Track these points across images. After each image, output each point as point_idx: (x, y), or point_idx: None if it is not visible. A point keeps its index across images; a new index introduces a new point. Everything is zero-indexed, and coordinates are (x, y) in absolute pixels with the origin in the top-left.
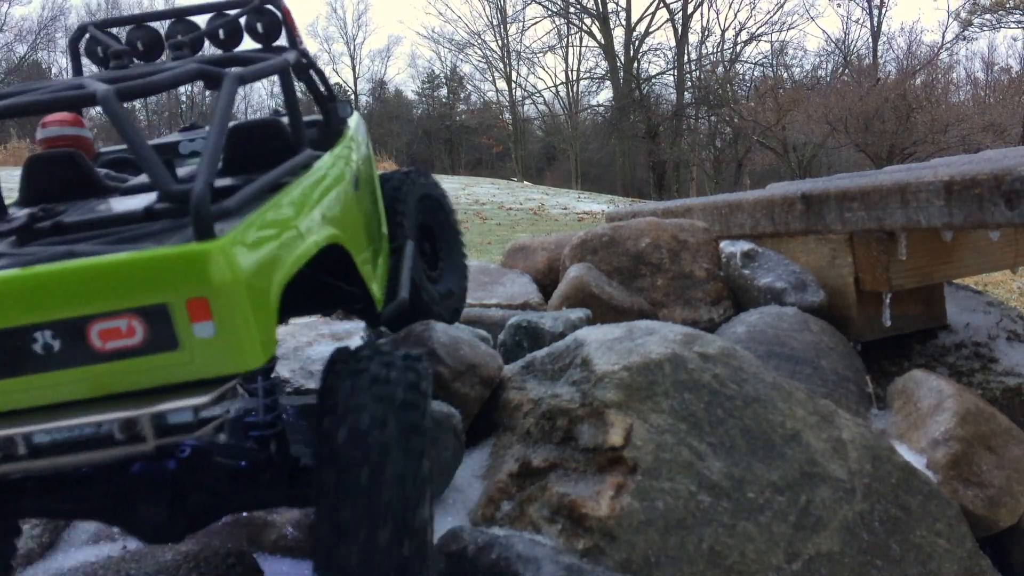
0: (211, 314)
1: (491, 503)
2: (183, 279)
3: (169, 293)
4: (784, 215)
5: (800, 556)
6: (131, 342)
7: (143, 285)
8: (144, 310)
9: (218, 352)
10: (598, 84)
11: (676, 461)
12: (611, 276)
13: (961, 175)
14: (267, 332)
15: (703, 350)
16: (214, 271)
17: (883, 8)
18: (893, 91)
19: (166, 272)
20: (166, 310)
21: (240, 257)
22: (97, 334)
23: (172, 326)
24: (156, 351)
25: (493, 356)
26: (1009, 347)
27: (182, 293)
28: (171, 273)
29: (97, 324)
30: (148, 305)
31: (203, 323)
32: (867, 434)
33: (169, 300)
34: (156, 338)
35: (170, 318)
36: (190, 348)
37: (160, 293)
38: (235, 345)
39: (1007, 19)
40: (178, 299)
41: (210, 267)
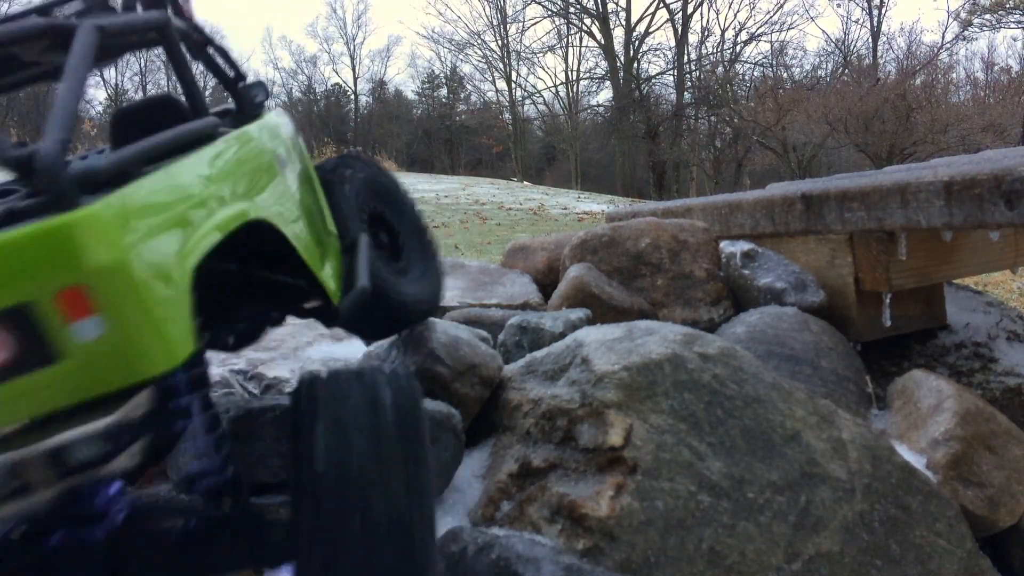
0: (92, 306)
1: (491, 503)
2: (45, 266)
3: (29, 288)
4: (784, 215)
5: (800, 556)
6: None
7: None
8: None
9: (113, 355)
10: (598, 84)
11: (676, 461)
12: (611, 276)
13: (961, 175)
14: (177, 322)
15: (703, 350)
16: (89, 248)
17: (883, 8)
18: (893, 91)
19: (19, 261)
20: (30, 310)
21: (122, 227)
22: None
23: (42, 331)
24: (31, 367)
25: (493, 356)
26: (1009, 347)
27: (46, 284)
28: (28, 261)
29: None
30: (5, 309)
31: (84, 320)
32: (867, 434)
33: (31, 297)
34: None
35: (37, 320)
36: (74, 355)
37: (18, 290)
38: (134, 342)
39: (1007, 19)
40: (42, 293)
41: (82, 243)
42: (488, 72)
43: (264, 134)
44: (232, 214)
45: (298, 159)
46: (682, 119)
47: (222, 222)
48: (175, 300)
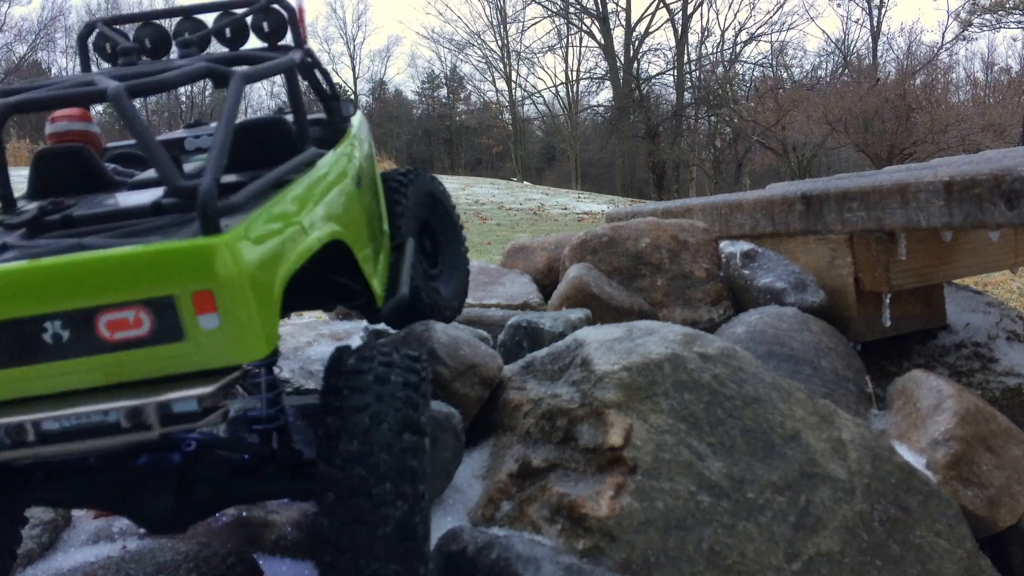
0: (216, 306)
1: (491, 503)
2: (189, 272)
3: (175, 286)
4: (784, 215)
5: (800, 556)
6: (138, 333)
7: (150, 278)
8: (151, 302)
9: (222, 343)
10: (598, 84)
11: (676, 461)
12: (611, 276)
13: (961, 175)
14: (270, 324)
15: (703, 350)
16: (219, 265)
17: (883, 8)
18: (893, 91)
19: (173, 265)
20: (172, 302)
21: (244, 251)
22: (105, 324)
23: (178, 318)
24: (162, 342)
25: (493, 356)
26: (1009, 347)
27: (188, 286)
28: (178, 266)
29: (105, 315)
30: (155, 297)
31: (208, 315)
32: (867, 434)
33: (175, 292)
34: (162, 329)
35: (176, 310)
36: (195, 339)
37: (167, 286)
38: (239, 336)
39: (1007, 19)
40: (184, 291)
41: (215, 261)
42: (488, 72)
43: (346, 156)
44: (320, 236)
45: (369, 170)
46: (682, 119)
47: (313, 243)
48: (271, 305)
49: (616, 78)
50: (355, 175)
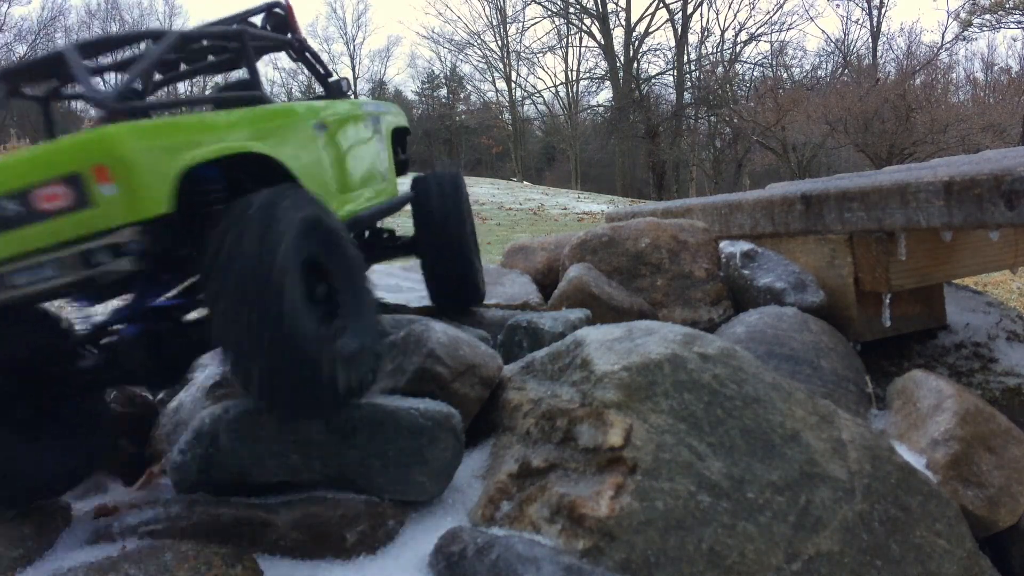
0: (110, 177)
1: (491, 503)
2: (90, 153)
3: (81, 164)
4: (784, 215)
5: (800, 556)
6: (60, 203)
7: (66, 160)
8: (68, 177)
9: (120, 205)
10: (598, 84)
11: (676, 461)
12: (611, 276)
13: (961, 175)
14: (160, 192)
15: (703, 350)
16: (109, 145)
17: (882, 8)
18: (893, 91)
19: (79, 149)
20: (80, 176)
21: (132, 138)
22: (38, 199)
23: (85, 188)
24: (79, 208)
25: (493, 356)
26: (1009, 347)
27: (89, 162)
28: (82, 150)
29: (37, 192)
30: (69, 173)
31: (106, 184)
32: (867, 434)
33: (81, 169)
34: (78, 198)
35: (83, 182)
36: (101, 204)
37: (75, 164)
38: (131, 200)
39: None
40: (87, 168)
41: (106, 143)
42: (488, 72)
43: (308, 107)
44: (223, 146)
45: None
46: (682, 119)
47: (213, 150)
48: (160, 183)
49: (616, 78)
50: (317, 122)
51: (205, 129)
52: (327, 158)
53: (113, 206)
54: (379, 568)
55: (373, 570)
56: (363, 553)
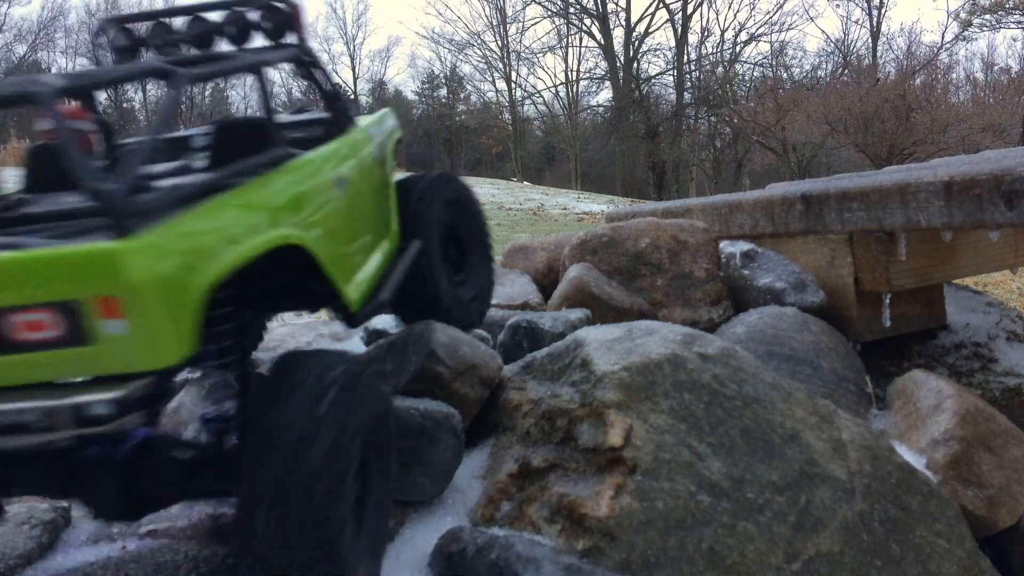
0: (122, 312)
1: (491, 503)
2: (93, 277)
3: (79, 290)
4: (784, 215)
5: (800, 556)
6: (47, 335)
7: (56, 281)
8: (57, 305)
9: (132, 349)
10: (598, 84)
11: (676, 461)
12: (611, 276)
13: (961, 175)
14: (184, 330)
15: (703, 350)
16: (125, 270)
17: (882, 8)
18: (893, 91)
19: (77, 269)
20: (77, 306)
21: (155, 256)
22: (16, 325)
23: (82, 322)
24: (70, 344)
25: (493, 356)
26: (1009, 347)
27: (93, 291)
28: (82, 271)
29: (15, 315)
30: (60, 300)
31: (114, 320)
32: (867, 434)
33: (79, 297)
34: (70, 332)
35: (80, 314)
36: (104, 343)
37: (71, 290)
38: (149, 343)
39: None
40: (88, 296)
41: (121, 266)
42: (488, 72)
43: (329, 157)
44: (266, 241)
45: (369, 170)
46: (682, 119)
47: (252, 248)
48: (184, 314)
49: (616, 78)
50: (337, 176)
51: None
52: (347, 224)
53: (122, 349)
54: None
55: None
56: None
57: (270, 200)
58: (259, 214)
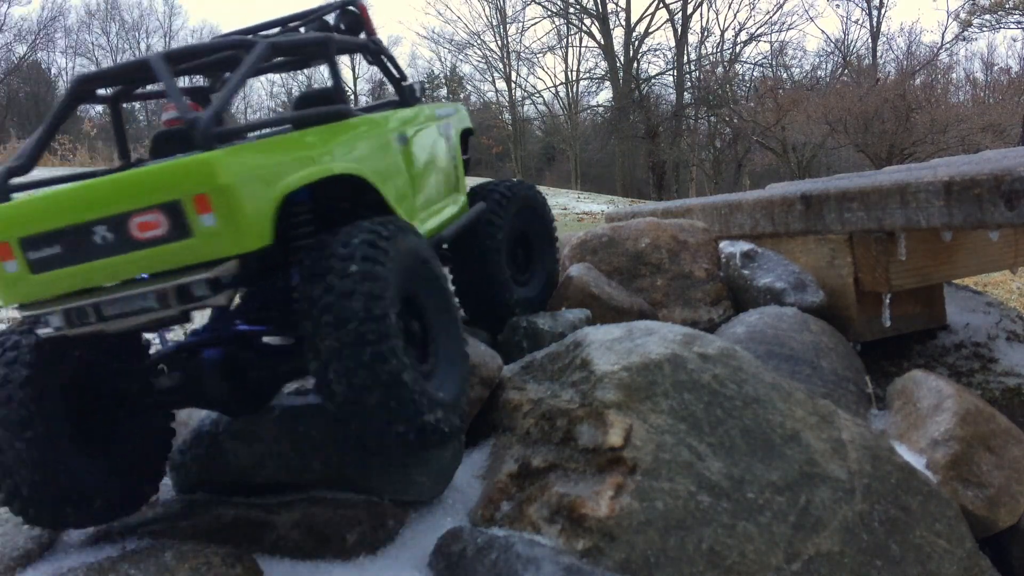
0: (211, 207)
1: (491, 503)
2: (189, 181)
3: (180, 191)
4: (784, 215)
5: (800, 556)
6: (159, 232)
7: (164, 187)
8: (165, 206)
9: (221, 237)
10: (598, 84)
11: (676, 461)
12: (611, 276)
13: (961, 175)
14: (260, 222)
15: (703, 350)
16: (210, 173)
17: (882, 8)
18: (892, 91)
19: (178, 177)
20: (179, 205)
21: (231, 164)
22: (136, 226)
23: (185, 218)
24: (177, 238)
25: (493, 356)
26: (1008, 347)
27: (189, 191)
28: (181, 177)
29: (135, 218)
30: (167, 201)
31: (206, 214)
32: (867, 434)
33: (180, 197)
34: (175, 227)
35: (183, 211)
36: (200, 235)
37: (174, 192)
38: (232, 231)
39: (1007, 19)
40: (186, 196)
41: (206, 170)
42: (488, 72)
43: (389, 118)
44: (319, 169)
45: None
46: (682, 119)
47: (310, 174)
48: (260, 213)
49: (616, 78)
50: (397, 132)
51: (299, 151)
52: (409, 173)
53: (213, 238)
54: (379, 568)
55: (373, 570)
56: (363, 553)
57: (333, 140)
58: (323, 150)
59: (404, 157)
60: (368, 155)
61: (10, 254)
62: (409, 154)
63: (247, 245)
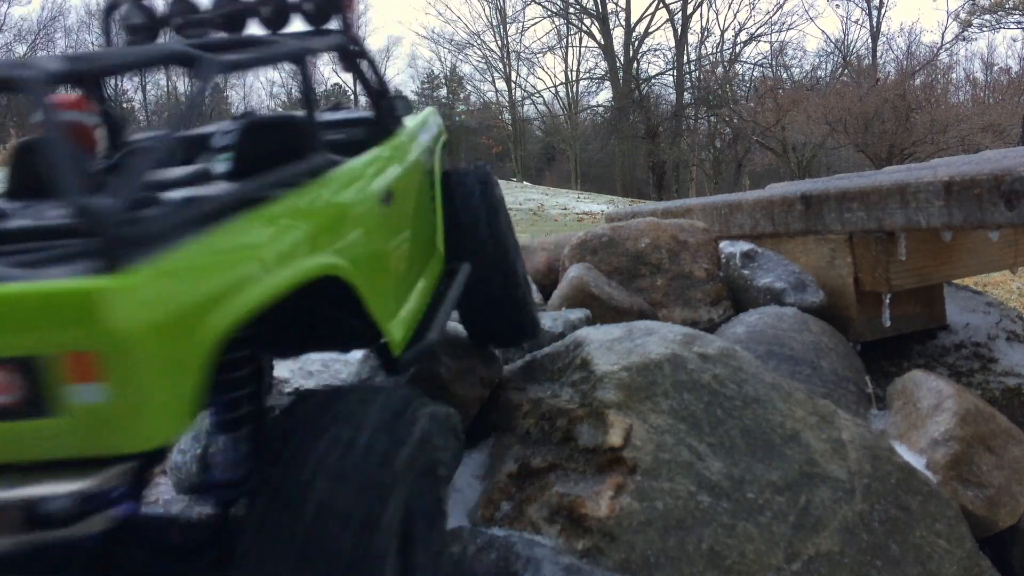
0: (99, 375)
1: (491, 503)
2: (62, 325)
3: (41, 343)
4: (784, 215)
5: (800, 556)
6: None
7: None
8: (11, 361)
9: (111, 424)
10: (598, 84)
11: (676, 461)
12: (611, 276)
13: (960, 175)
14: (184, 396)
15: (703, 350)
16: (108, 318)
17: (882, 8)
18: (892, 91)
19: (40, 314)
20: (36, 364)
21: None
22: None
23: (43, 386)
24: (28, 415)
25: (493, 356)
26: (1008, 347)
27: (60, 345)
28: (47, 316)
29: None
30: (14, 357)
31: (88, 384)
32: (867, 434)
33: (39, 352)
34: (28, 399)
35: (41, 375)
36: (70, 415)
37: (30, 342)
38: (136, 416)
39: (1006, 20)
40: (52, 352)
41: (102, 312)
42: (488, 72)
43: (375, 163)
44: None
45: (417, 180)
46: (682, 119)
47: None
48: (186, 374)
49: (616, 78)
50: (383, 188)
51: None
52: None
53: (97, 423)
54: None
55: None
56: None
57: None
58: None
59: (387, 226)
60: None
61: None
62: (393, 219)
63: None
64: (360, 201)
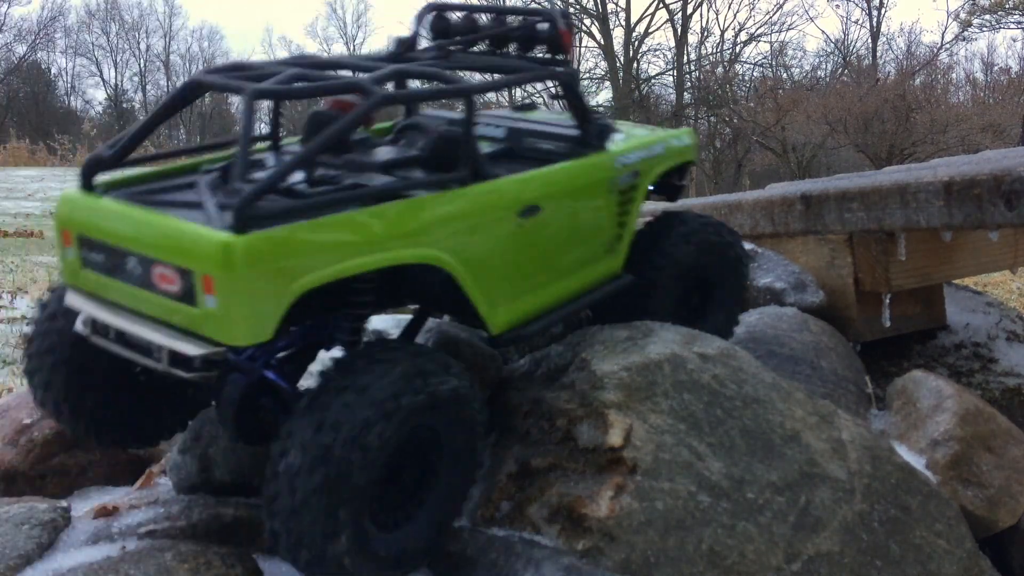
0: (214, 290)
1: (490, 503)
2: (203, 256)
3: (194, 263)
4: (783, 216)
5: (800, 556)
6: (172, 288)
7: (182, 250)
8: (182, 269)
9: (216, 322)
10: (597, 84)
11: (676, 461)
12: None
13: (960, 175)
14: (260, 322)
15: (702, 350)
16: (220, 259)
17: (882, 9)
18: (892, 92)
19: (197, 246)
20: (191, 275)
21: (251, 255)
22: (156, 274)
23: (194, 288)
24: (185, 302)
25: (492, 356)
26: (1009, 347)
27: (200, 266)
28: (199, 248)
29: (157, 267)
30: (184, 266)
31: (210, 295)
32: (867, 434)
33: (193, 268)
34: (186, 292)
35: (193, 282)
36: (202, 310)
37: (189, 260)
38: (227, 322)
39: (1006, 20)
40: (198, 270)
41: (219, 254)
42: None
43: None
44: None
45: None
46: (682, 119)
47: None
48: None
49: (616, 78)
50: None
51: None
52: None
53: (210, 319)
54: None
55: None
56: None
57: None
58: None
59: (519, 234)
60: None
61: (70, 242)
62: (532, 229)
63: (240, 338)
64: (484, 211)
